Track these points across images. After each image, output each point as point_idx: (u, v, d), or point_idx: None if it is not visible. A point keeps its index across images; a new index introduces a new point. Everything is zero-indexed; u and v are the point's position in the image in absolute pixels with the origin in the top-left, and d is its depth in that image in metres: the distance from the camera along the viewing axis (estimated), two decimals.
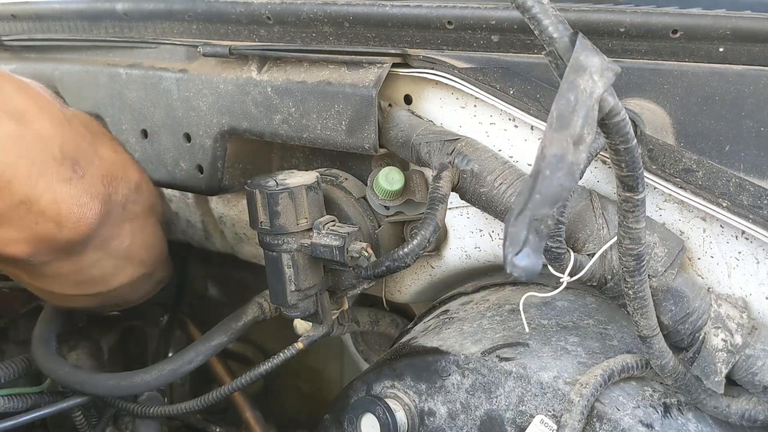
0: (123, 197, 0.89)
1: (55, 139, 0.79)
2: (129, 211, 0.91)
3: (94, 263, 0.89)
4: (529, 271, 0.45)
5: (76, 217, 0.79)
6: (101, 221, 0.83)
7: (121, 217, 0.89)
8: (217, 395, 0.93)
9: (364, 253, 0.74)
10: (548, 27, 0.49)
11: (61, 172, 0.78)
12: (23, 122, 0.76)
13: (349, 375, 1.31)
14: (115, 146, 0.96)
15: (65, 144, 0.80)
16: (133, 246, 0.93)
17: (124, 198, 0.89)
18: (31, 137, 0.76)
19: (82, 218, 0.80)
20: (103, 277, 0.92)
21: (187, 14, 0.95)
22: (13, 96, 0.77)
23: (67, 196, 0.78)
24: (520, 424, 0.68)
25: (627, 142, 0.52)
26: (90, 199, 0.81)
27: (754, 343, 0.65)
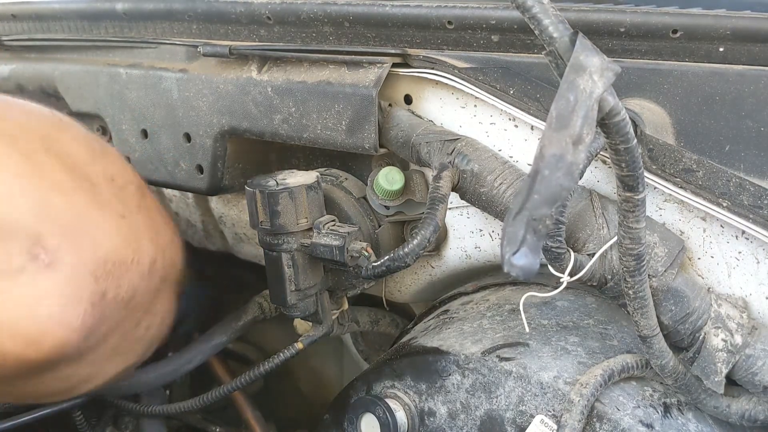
0: (127, 291, 0.60)
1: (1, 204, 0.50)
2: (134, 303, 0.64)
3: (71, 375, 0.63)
4: (526, 270, 0.45)
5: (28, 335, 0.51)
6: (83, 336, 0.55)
7: (122, 314, 0.62)
8: (217, 394, 0.93)
9: (364, 252, 0.74)
10: (548, 27, 0.49)
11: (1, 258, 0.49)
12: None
13: (349, 375, 1.31)
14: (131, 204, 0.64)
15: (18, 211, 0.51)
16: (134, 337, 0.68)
17: (129, 292, 0.61)
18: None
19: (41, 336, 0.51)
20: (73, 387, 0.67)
21: (187, 14, 0.95)
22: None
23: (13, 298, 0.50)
24: (520, 424, 0.68)
25: (627, 141, 0.52)
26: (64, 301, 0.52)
27: (754, 343, 0.65)
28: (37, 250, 0.50)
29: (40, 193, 0.52)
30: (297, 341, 0.88)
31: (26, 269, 0.50)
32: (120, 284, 0.58)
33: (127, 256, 0.59)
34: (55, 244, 0.51)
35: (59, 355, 0.53)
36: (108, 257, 0.56)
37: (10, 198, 0.50)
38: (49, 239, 0.51)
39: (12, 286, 0.49)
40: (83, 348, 0.57)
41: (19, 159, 0.53)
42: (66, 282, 0.52)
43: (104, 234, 0.57)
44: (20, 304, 0.50)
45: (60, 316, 0.52)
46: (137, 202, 0.65)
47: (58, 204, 0.54)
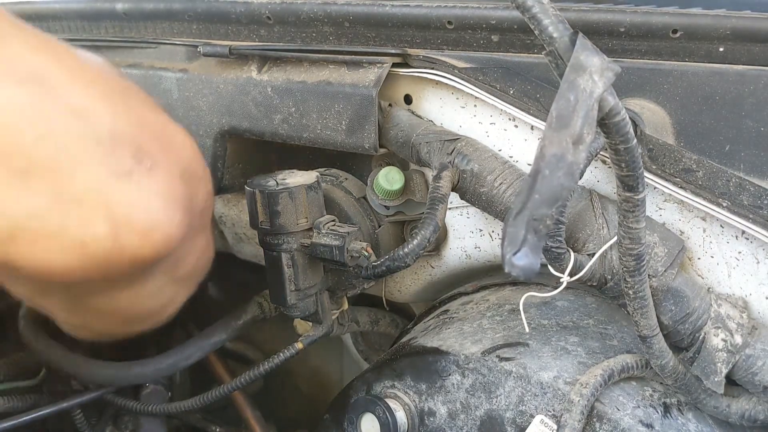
0: (201, 202, 0.66)
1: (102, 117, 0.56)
2: (204, 218, 0.70)
3: (156, 292, 0.69)
4: (527, 270, 0.45)
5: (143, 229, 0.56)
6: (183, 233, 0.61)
7: (197, 227, 0.68)
8: (216, 394, 0.93)
9: (364, 252, 0.74)
10: (548, 27, 0.49)
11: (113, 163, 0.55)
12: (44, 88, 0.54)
13: (349, 375, 1.31)
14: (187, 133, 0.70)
15: (120, 122, 0.57)
16: (198, 264, 0.73)
17: (202, 203, 0.67)
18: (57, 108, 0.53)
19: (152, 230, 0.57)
20: (160, 308, 0.74)
21: (187, 14, 0.95)
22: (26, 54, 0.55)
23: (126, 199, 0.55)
24: (520, 424, 0.68)
25: (627, 141, 0.52)
26: (165, 201, 0.58)
27: (754, 343, 0.65)
28: (141, 156, 0.57)
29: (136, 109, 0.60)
30: (297, 341, 0.88)
31: (134, 172, 0.56)
32: (197, 193, 0.65)
33: (199, 171, 0.66)
34: (153, 150, 0.58)
35: (167, 248, 0.60)
36: (188, 166, 0.63)
37: (116, 113, 0.57)
38: (148, 146, 0.58)
39: (125, 186, 0.55)
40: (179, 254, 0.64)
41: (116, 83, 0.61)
42: (166, 182, 0.59)
43: (182, 145, 0.64)
44: (134, 199, 0.56)
45: (165, 211, 0.58)
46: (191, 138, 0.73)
47: (150, 118, 0.61)
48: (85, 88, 0.56)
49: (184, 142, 0.65)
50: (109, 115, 0.56)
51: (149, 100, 0.66)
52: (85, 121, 0.54)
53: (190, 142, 0.66)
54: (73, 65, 0.58)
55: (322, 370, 1.38)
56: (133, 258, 0.57)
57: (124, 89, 0.62)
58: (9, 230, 0.52)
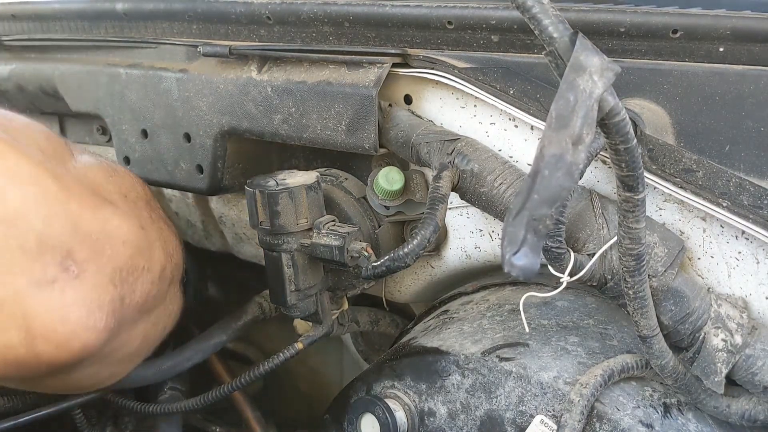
0: (142, 295, 0.66)
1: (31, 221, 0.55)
2: (147, 308, 0.69)
3: (95, 374, 0.69)
4: (526, 270, 0.45)
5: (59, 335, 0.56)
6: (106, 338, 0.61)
7: (136, 317, 0.67)
8: (217, 394, 0.93)
9: (364, 253, 0.74)
10: (548, 27, 0.49)
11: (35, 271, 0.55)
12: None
13: (349, 375, 1.30)
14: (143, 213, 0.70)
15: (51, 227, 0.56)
16: (146, 341, 0.73)
17: (143, 296, 0.66)
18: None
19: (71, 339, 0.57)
20: (99, 382, 0.73)
21: (187, 14, 0.95)
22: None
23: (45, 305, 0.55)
24: (520, 424, 0.68)
25: (627, 142, 0.52)
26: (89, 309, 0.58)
27: (754, 343, 0.65)
28: (68, 263, 0.56)
29: (71, 211, 0.58)
30: (297, 341, 0.88)
31: (58, 280, 0.55)
32: (134, 290, 0.64)
33: (140, 264, 0.65)
34: (83, 256, 0.57)
35: (86, 355, 0.59)
36: (124, 266, 0.62)
37: (48, 217, 0.56)
38: (78, 252, 0.57)
39: (46, 295, 0.55)
40: (106, 349, 0.63)
41: (53, 182, 0.58)
42: (91, 290, 0.58)
43: (122, 245, 0.63)
44: (52, 311, 0.55)
45: (86, 320, 0.57)
46: (148, 214, 0.72)
47: (87, 219, 0.60)
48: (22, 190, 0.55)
49: (129, 238, 0.63)
50: (40, 220, 0.55)
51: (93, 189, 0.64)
52: (13, 228, 0.54)
53: (138, 234, 0.65)
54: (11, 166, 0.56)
55: (322, 370, 1.38)
56: (49, 363, 0.57)
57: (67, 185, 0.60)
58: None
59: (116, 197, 0.68)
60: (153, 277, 0.67)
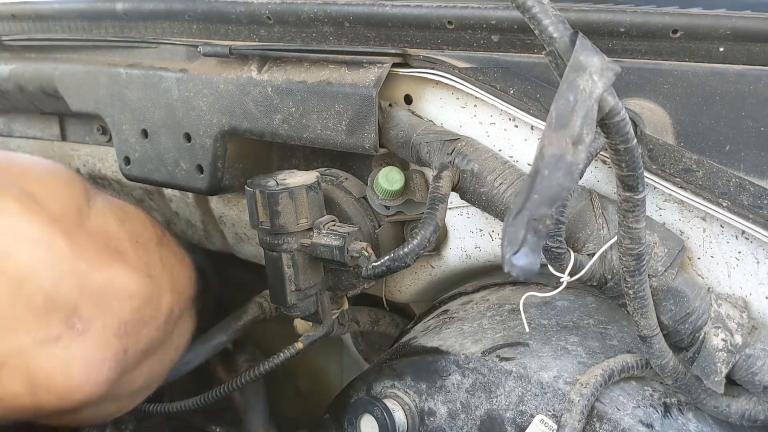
0: (146, 343, 0.68)
1: (40, 282, 0.57)
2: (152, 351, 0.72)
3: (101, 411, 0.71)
4: (526, 270, 0.45)
5: (61, 388, 0.59)
6: (107, 388, 0.63)
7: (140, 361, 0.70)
8: (217, 393, 0.93)
9: (364, 252, 0.74)
10: (548, 27, 0.49)
11: (41, 330, 0.57)
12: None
13: (349, 375, 1.30)
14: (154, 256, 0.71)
15: (59, 287, 0.59)
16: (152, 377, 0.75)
17: (147, 343, 0.68)
18: None
19: (71, 390, 0.60)
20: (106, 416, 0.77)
21: (188, 14, 0.95)
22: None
23: (48, 362, 0.58)
24: (520, 423, 0.68)
25: (627, 141, 0.52)
26: (91, 363, 0.60)
27: (754, 343, 0.65)
28: (74, 320, 0.59)
29: (80, 270, 0.61)
30: (297, 341, 0.88)
31: (63, 337, 0.58)
32: (138, 340, 0.66)
33: (147, 314, 0.67)
34: (89, 313, 0.60)
35: (87, 403, 0.62)
36: (130, 319, 0.64)
37: (57, 278, 0.58)
38: (84, 309, 0.60)
39: (50, 351, 0.58)
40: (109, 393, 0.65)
41: (63, 243, 0.61)
42: (95, 346, 0.60)
43: (129, 299, 0.65)
44: (55, 366, 0.57)
45: (88, 374, 0.60)
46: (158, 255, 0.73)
47: (95, 278, 0.62)
48: (32, 252, 0.57)
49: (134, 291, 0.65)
50: (49, 280, 0.58)
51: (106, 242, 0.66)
52: (21, 288, 0.56)
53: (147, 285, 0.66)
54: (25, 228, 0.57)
55: (323, 369, 1.38)
56: (51, 410, 0.60)
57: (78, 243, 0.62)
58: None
59: (127, 245, 0.70)
60: (159, 323, 0.70)
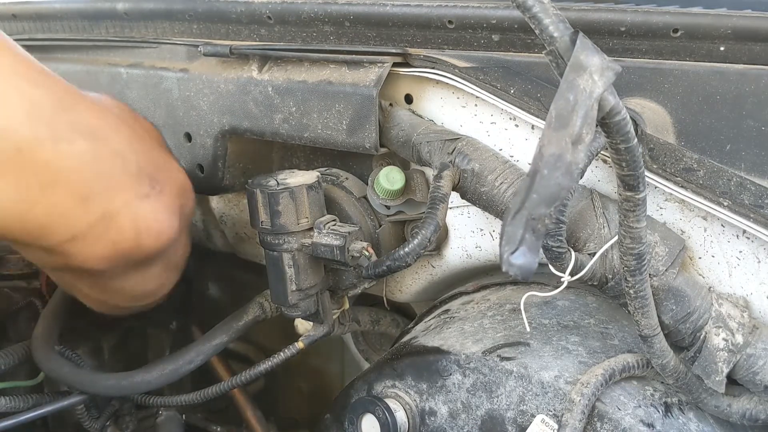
0: (189, 210, 0.89)
1: (131, 156, 0.78)
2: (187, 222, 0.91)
3: (156, 276, 0.89)
4: (525, 270, 0.45)
5: (155, 231, 0.79)
6: (178, 233, 0.83)
7: (184, 227, 0.90)
8: (216, 390, 0.93)
9: (364, 252, 0.74)
10: (548, 26, 0.49)
11: (138, 189, 0.77)
12: (98, 140, 0.74)
13: (349, 374, 1.31)
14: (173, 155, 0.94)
15: (141, 160, 0.79)
16: (183, 253, 0.93)
17: (190, 210, 0.89)
18: (107, 155, 0.75)
19: (161, 234, 0.80)
20: (158, 288, 0.92)
21: (188, 14, 0.95)
22: (87, 115, 0.75)
23: (145, 213, 0.77)
24: (521, 423, 0.68)
25: (628, 141, 0.52)
26: (169, 214, 0.80)
27: (755, 343, 0.65)
28: (154, 183, 0.79)
29: (146, 148, 0.82)
30: (298, 341, 0.88)
31: (151, 195, 0.78)
32: (187, 203, 0.87)
33: (187, 186, 0.87)
34: (161, 179, 0.81)
35: (169, 244, 0.82)
36: (181, 187, 0.85)
37: (139, 153, 0.79)
38: (158, 176, 0.80)
39: (145, 204, 0.78)
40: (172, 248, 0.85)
41: (132, 131, 0.81)
42: (170, 200, 0.81)
43: (177, 171, 0.86)
44: (150, 213, 0.78)
45: (169, 220, 0.81)
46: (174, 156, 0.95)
47: (156, 156, 0.83)
48: (121, 136, 0.78)
49: (178, 170, 0.87)
50: (135, 155, 0.78)
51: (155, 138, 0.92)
52: (122, 161, 0.76)
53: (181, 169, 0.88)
54: (112, 121, 0.79)
55: (323, 369, 1.38)
56: (147, 252, 0.80)
57: (141, 133, 0.85)
58: (71, 235, 0.73)
59: (161, 141, 0.94)
60: (193, 198, 0.90)
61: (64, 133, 0.71)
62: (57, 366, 0.95)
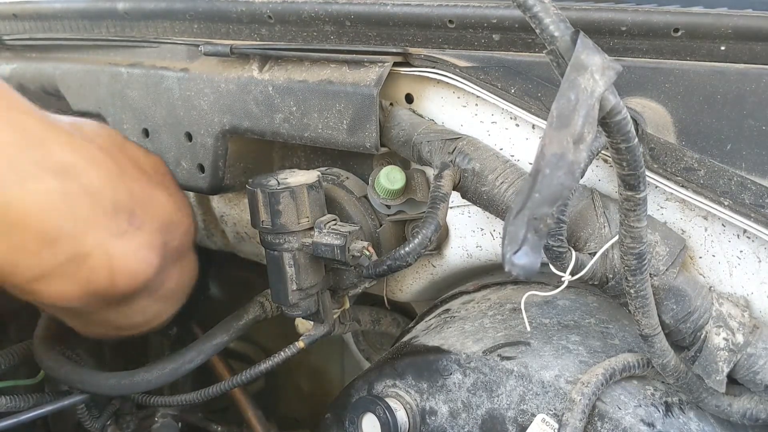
0: (176, 244, 0.86)
1: (107, 192, 0.75)
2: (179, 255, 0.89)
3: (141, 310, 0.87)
4: (527, 269, 0.45)
5: (130, 271, 0.77)
6: (157, 272, 0.81)
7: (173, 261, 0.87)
8: (217, 390, 0.93)
9: (365, 252, 0.74)
10: (549, 26, 0.49)
11: (113, 227, 0.75)
12: (69, 177, 0.72)
13: (350, 374, 1.31)
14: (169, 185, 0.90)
15: (120, 195, 0.76)
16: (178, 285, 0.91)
17: (177, 245, 0.86)
18: (78, 192, 0.72)
19: (137, 272, 0.78)
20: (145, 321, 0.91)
21: (188, 13, 0.95)
22: (58, 151, 0.72)
23: (120, 251, 0.75)
24: (521, 423, 0.68)
25: (628, 140, 0.52)
26: (147, 251, 0.79)
27: (756, 342, 0.65)
28: (133, 219, 0.77)
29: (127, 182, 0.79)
30: (298, 340, 0.88)
31: (127, 232, 0.76)
32: (173, 238, 0.84)
33: (174, 220, 0.85)
34: (141, 214, 0.78)
35: (146, 282, 0.80)
36: (165, 221, 0.83)
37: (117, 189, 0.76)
38: (137, 212, 0.78)
39: (121, 243, 0.75)
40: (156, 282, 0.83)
41: (113, 164, 0.78)
42: (148, 237, 0.79)
43: (162, 205, 0.84)
44: (125, 252, 0.76)
45: (147, 258, 0.78)
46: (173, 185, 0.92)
47: (138, 189, 0.80)
48: (97, 171, 0.75)
49: (165, 203, 0.84)
50: (112, 190, 0.76)
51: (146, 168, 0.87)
52: (95, 198, 0.74)
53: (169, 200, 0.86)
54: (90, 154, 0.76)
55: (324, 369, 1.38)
56: (123, 290, 0.78)
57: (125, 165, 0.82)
58: (37, 275, 0.71)
59: (151, 171, 0.88)
60: (183, 230, 0.87)
61: (30, 171, 0.68)
62: (57, 365, 0.95)
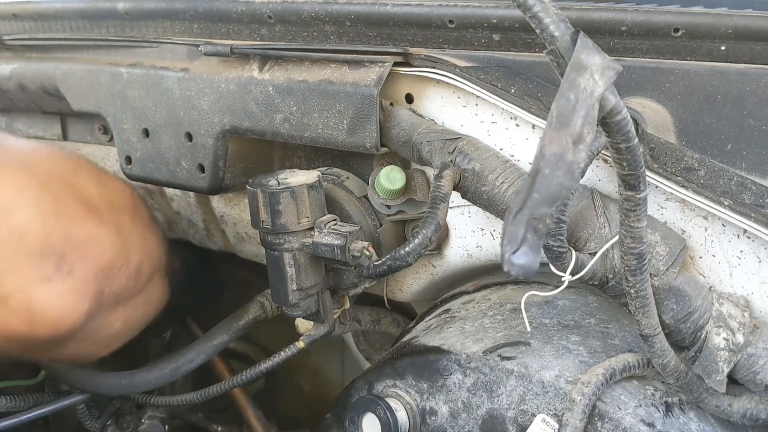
0: (119, 288, 0.82)
1: (37, 233, 0.71)
2: (125, 297, 0.85)
3: (79, 351, 0.84)
4: (526, 269, 0.45)
5: (53, 318, 0.73)
6: (87, 319, 0.77)
7: (114, 305, 0.84)
8: (217, 389, 0.93)
9: (365, 252, 0.74)
10: (549, 26, 0.49)
11: (38, 270, 0.71)
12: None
13: (350, 374, 1.31)
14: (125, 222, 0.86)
15: (52, 237, 0.72)
16: (127, 326, 0.89)
17: (120, 288, 0.82)
18: (2, 233, 0.69)
19: (61, 319, 0.74)
20: (83, 358, 0.89)
21: (189, 13, 0.95)
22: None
23: (43, 297, 0.71)
24: (521, 423, 0.68)
25: (628, 140, 0.52)
26: (75, 298, 0.74)
27: (756, 342, 0.65)
28: (62, 264, 0.73)
29: (63, 223, 0.75)
30: (298, 340, 0.88)
31: (54, 277, 0.72)
32: (112, 284, 0.80)
33: (117, 263, 0.81)
34: (73, 258, 0.74)
35: (73, 331, 0.76)
36: (104, 265, 0.78)
37: (48, 230, 0.72)
38: (69, 255, 0.74)
39: (44, 288, 0.72)
40: (89, 328, 0.79)
41: (50, 200, 0.74)
42: (78, 283, 0.75)
43: (103, 249, 0.79)
44: (49, 299, 0.72)
45: (74, 306, 0.74)
46: (130, 220, 0.87)
47: (76, 230, 0.76)
48: (30, 211, 0.72)
49: (108, 245, 0.80)
50: (44, 231, 0.72)
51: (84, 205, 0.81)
52: (21, 238, 0.70)
53: (115, 241, 0.81)
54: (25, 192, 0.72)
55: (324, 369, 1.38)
56: (44, 339, 0.74)
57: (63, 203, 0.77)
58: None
59: (103, 206, 0.83)
60: (129, 273, 0.83)
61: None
62: (58, 365, 0.95)
